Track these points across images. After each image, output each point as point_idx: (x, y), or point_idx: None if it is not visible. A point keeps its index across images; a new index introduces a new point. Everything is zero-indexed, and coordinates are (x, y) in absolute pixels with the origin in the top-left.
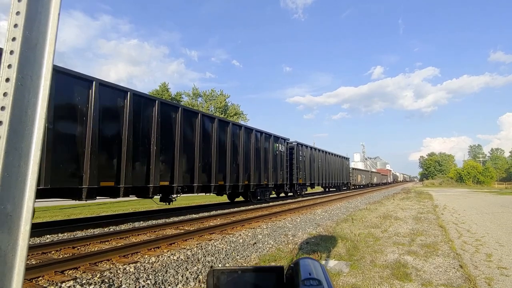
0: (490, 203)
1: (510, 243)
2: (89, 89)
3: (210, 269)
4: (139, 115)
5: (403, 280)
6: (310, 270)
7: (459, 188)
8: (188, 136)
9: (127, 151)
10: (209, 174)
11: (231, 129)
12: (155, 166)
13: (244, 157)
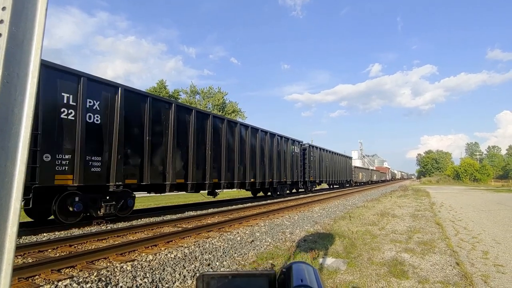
0: (486, 200)
1: (507, 240)
2: (170, 109)
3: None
4: (200, 128)
5: (400, 278)
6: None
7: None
8: (230, 143)
9: (192, 156)
10: (244, 173)
11: (260, 134)
12: (210, 168)
13: (269, 159)
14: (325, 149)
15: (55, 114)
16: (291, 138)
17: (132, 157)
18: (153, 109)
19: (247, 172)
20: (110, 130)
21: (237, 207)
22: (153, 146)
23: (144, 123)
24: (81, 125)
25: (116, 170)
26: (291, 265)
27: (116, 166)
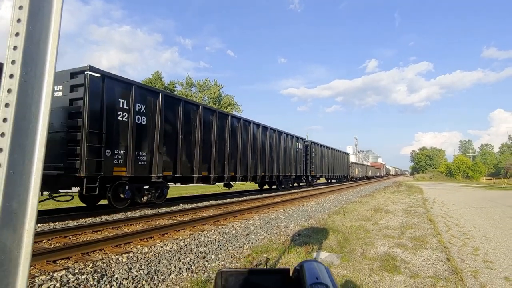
0: (478, 197)
1: (496, 237)
2: (197, 111)
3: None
4: (220, 127)
5: (392, 273)
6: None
7: (449, 182)
8: (244, 140)
9: (214, 152)
10: (256, 167)
11: (269, 132)
12: (228, 163)
13: (276, 154)
14: (325, 146)
15: (114, 117)
16: (295, 136)
17: (168, 153)
18: (185, 111)
19: (258, 166)
20: (153, 130)
21: (231, 200)
22: (184, 143)
23: (178, 123)
24: (132, 125)
25: (157, 163)
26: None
27: (157, 160)
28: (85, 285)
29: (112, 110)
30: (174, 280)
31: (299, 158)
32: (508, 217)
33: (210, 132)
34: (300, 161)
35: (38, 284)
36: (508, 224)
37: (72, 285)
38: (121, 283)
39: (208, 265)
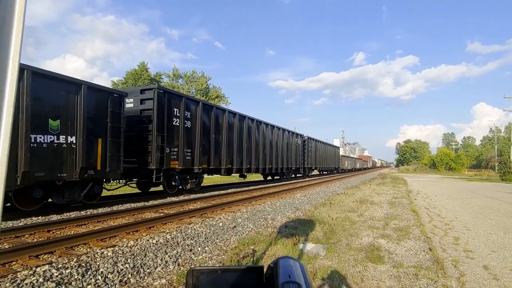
0: (460, 189)
1: (476, 227)
2: (224, 114)
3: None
4: (239, 127)
5: (376, 263)
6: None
7: (432, 174)
8: (257, 139)
9: (235, 149)
10: (265, 161)
11: (275, 130)
12: (246, 157)
13: (281, 150)
14: (319, 141)
15: (171, 122)
16: (296, 132)
17: (204, 149)
18: (215, 115)
19: (267, 160)
20: (194, 131)
21: (219, 193)
22: (215, 141)
23: (210, 125)
24: (182, 128)
25: (197, 158)
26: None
27: (197, 156)
28: (69, 280)
29: (170, 117)
30: (160, 273)
31: (298, 152)
32: (487, 207)
33: (232, 132)
34: (298, 155)
35: (20, 279)
36: (487, 215)
37: (56, 279)
38: (106, 277)
39: (195, 258)
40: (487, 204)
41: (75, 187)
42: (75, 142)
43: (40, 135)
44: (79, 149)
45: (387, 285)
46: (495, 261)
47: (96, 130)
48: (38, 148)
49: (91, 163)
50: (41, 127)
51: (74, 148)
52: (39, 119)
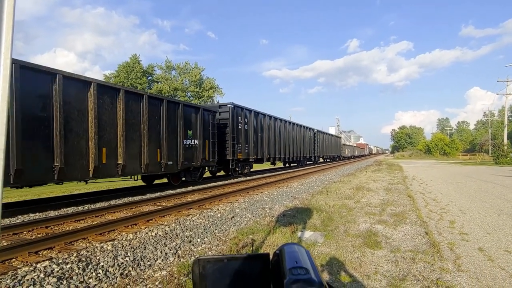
0: (454, 173)
1: (471, 210)
2: (265, 117)
3: (195, 258)
4: (273, 127)
5: (374, 248)
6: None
7: (427, 159)
8: (283, 134)
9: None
10: (288, 151)
11: (294, 127)
12: (277, 149)
13: (298, 142)
14: (326, 133)
15: (237, 126)
16: (309, 127)
17: (254, 145)
18: (260, 119)
19: (290, 151)
20: (249, 132)
21: (216, 184)
22: (260, 138)
23: (257, 127)
24: (242, 131)
25: (251, 151)
26: (283, 247)
27: (251, 149)
28: (70, 274)
29: (237, 123)
30: (160, 265)
31: (311, 144)
32: (482, 191)
33: (269, 131)
34: (311, 146)
35: (21, 275)
36: (482, 198)
37: (57, 275)
38: (107, 270)
39: (194, 249)
40: (482, 188)
41: (196, 170)
42: (198, 143)
43: (185, 140)
44: (200, 147)
45: (385, 269)
46: (490, 243)
47: (205, 135)
48: (185, 148)
49: (204, 156)
50: (185, 135)
51: (198, 147)
52: (185, 131)
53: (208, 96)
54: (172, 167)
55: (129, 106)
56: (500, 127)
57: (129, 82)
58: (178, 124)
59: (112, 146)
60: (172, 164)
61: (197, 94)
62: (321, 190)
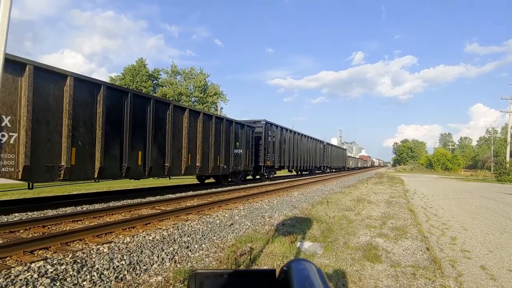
0: (456, 189)
1: (473, 227)
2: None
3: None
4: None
5: (374, 262)
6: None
7: (429, 174)
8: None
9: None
10: (303, 161)
11: (308, 139)
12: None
13: (310, 152)
14: (334, 145)
15: (267, 139)
16: (319, 139)
17: (279, 154)
18: (284, 133)
19: (304, 160)
20: (275, 144)
21: (216, 190)
22: (283, 149)
23: (282, 139)
24: (271, 143)
25: (276, 160)
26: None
27: (277, 158)
28: (64, 276)
29: (267, 136)
30: (156, 270)
31: (320, 155)
32: (484, 207)
33: (290, 143)
34: (321, 157)
35: (14, 275)
36: (484, 215)
37: (51, 275)
38: (102, 273)
39: (191, 255)
40: (484, 205)
41: (240, 173)
42: (242, 152)
43: (235, 150)
44: (243, 155)
45: (385, 284)
46: (492, 261)
47: (247, 146)
48: (235, 156)
49: (246, 162)
50: (235, 146)
51: (242, 155)
52: (234, 143)
53: (212, 102)
54: (226, 170)
55: (204, 124)
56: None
57: (135, 85)
58: (231, 137)
59: (193, 153)
60: (226, 168)
61: (201, 99)
62: (322, 201)
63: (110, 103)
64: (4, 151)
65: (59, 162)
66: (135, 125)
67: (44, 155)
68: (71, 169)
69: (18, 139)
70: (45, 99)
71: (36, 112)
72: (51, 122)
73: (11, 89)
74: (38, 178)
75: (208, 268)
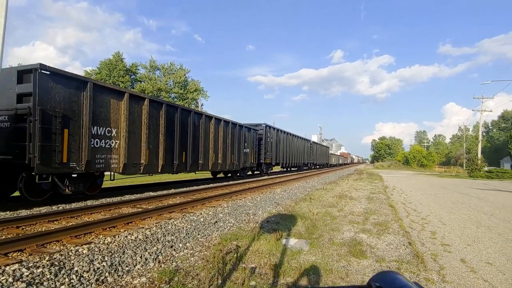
0: (432, 184)
1: (451, 221)
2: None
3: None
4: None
5: (359, 257)
6: None
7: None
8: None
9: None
10: (295, 159)
11: (299, 139)
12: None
13: (299, 151)
14: (318, 143)
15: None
16: (307, 139)
17: (276, 152)
18: (278, 133)
19: (294, 158)
20: (273, 143)
21: (198, 188)
22: (278, 148)
23: (277, 139)
24: (269, 143)
25: (273, 157)
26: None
27: (273, 156)
28: (41, 280)
29: (267, 138)
30: (140, 271)
31: (308, 153)
32: (459, 202)
33: (284, 143)
34: (308, 155)
35: None
36: (460, 210)
37: (26, 279)
38: (82, 276)
39: (176, 255)
40: (459, 200)
41: (247, 169)
42: (249, 151)
43: (244, 149)
44: (249, 154)
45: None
46: (471, 255)
47: (252, 146)
48: (243, 154)
49: (251, 160)
50: (244, 146)
51: (248, 154)
52: (243, 143)
53: (193, 98)
54: (237, 166)
55: (224, 129)
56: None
57: (111, 80)
58: (241, 139)
59: (216, 153)
60: (238, 164)
61: (181, 95)
62: (304, 197)
63: (167, 117)
64: (113, 153)
65: (140, 160)
66: (182, 132)
67: (132, 156)
68: (146, 166)
69: (119, 145)
70: (133, 116)
71: (129, 125)
72: (136, 132)
73: (116, 109)
74: (129, 171)
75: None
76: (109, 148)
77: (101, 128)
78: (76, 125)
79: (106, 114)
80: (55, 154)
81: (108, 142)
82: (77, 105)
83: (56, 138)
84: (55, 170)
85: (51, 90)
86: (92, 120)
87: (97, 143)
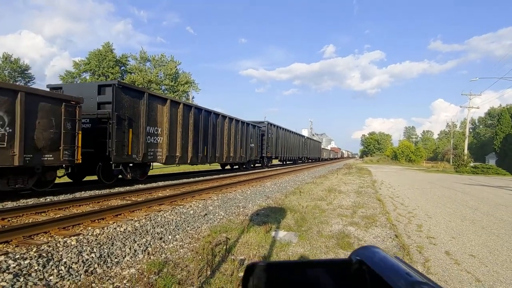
0: (419, 179)
1: (437, 215)
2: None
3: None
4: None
5: (347, 249)
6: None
7: (394, 165)
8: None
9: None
10: (288, 152)
11: (295, 135)
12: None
13: (294, 146)
14: (311, 138)
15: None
16: (302, 135)
17: (275, 147)
18: (278, 130)
19: (291, 152)
20: (273, 139)
21: (188, 180)
22: (277, 143)
23: (277, 135)
24: (270, 138)
25: (273, 152)
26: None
27: (273, 151)
28: (28, 271)
29: (268, 134)
30: (129, 262)
31: (302, 147)
32: (445, 197)
33: (282, 138)
34: (302, 149)
35: None
36: (446, 204)
37: (13, 271)
38: (70, 267)
39: (165, 246)
40: (445, 194)
41: (251, 161)
42: (253, 146)
43: (251, 144)
44: (254, 148)
45: None
46: (455, 247)
47: (256, 141)
48: (250, 148)
49: (256, 153)
50: (250, 142)
51: (253, 148)
52: (249, 139)
53: (183, 91)
54: (244, 159)
55: (235, 127)
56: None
57: (101, 71)
58: (248, 136)
59: (229, 147)
60: (245, 157)
61: (172, 88)
62: (294, 191)
63: (194, 117)
64: (158, 147)
65: (176, 153)
66: (205, 130)
67: (171, 149)
68: (180, 158)
69: (163, 141)
70: (171, 117)
71: (169, 124)
72: (173, 130)
73: (161, 112)
74: (168, 162)
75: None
76: (156, 143)
77: (152, 128)
78: (136, 125)
79: (155, 117)
80: (124, 148)
81: (156, 139)
82: (137, 110)
83: (125, 136)
84: (124, 160)
85: (122, 99)
86: (147, 121)
87: (149, 139)
